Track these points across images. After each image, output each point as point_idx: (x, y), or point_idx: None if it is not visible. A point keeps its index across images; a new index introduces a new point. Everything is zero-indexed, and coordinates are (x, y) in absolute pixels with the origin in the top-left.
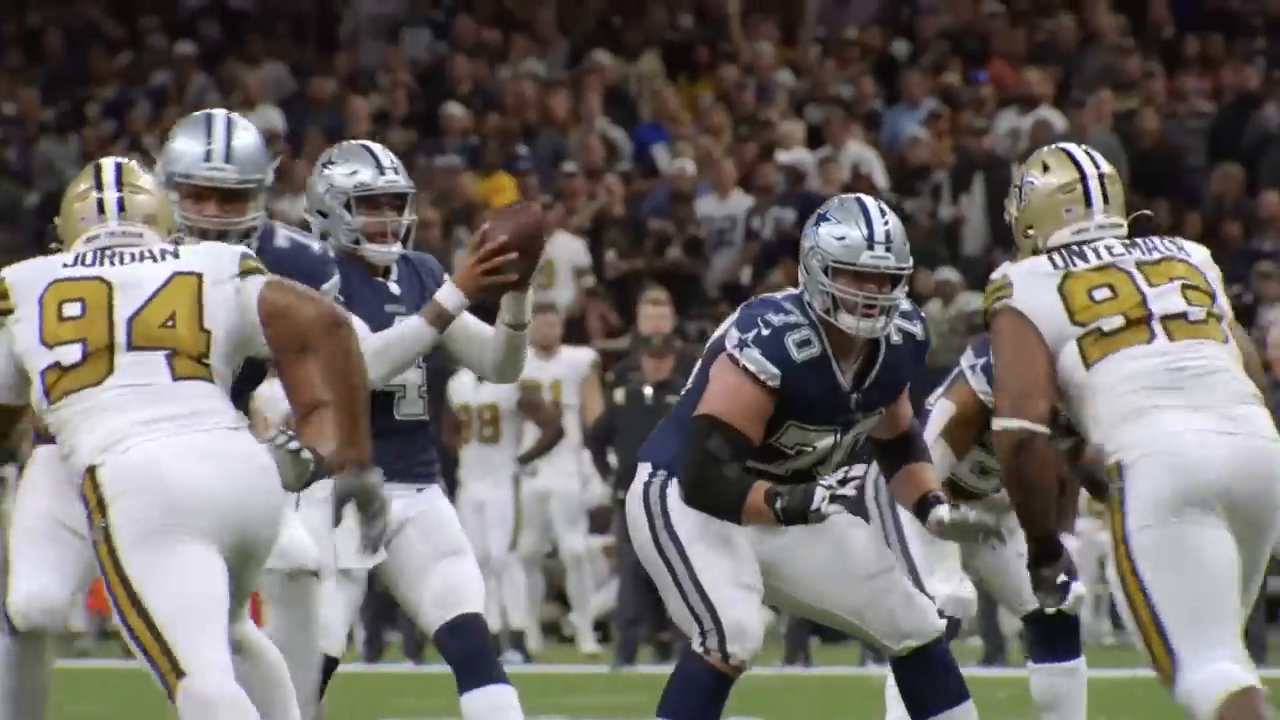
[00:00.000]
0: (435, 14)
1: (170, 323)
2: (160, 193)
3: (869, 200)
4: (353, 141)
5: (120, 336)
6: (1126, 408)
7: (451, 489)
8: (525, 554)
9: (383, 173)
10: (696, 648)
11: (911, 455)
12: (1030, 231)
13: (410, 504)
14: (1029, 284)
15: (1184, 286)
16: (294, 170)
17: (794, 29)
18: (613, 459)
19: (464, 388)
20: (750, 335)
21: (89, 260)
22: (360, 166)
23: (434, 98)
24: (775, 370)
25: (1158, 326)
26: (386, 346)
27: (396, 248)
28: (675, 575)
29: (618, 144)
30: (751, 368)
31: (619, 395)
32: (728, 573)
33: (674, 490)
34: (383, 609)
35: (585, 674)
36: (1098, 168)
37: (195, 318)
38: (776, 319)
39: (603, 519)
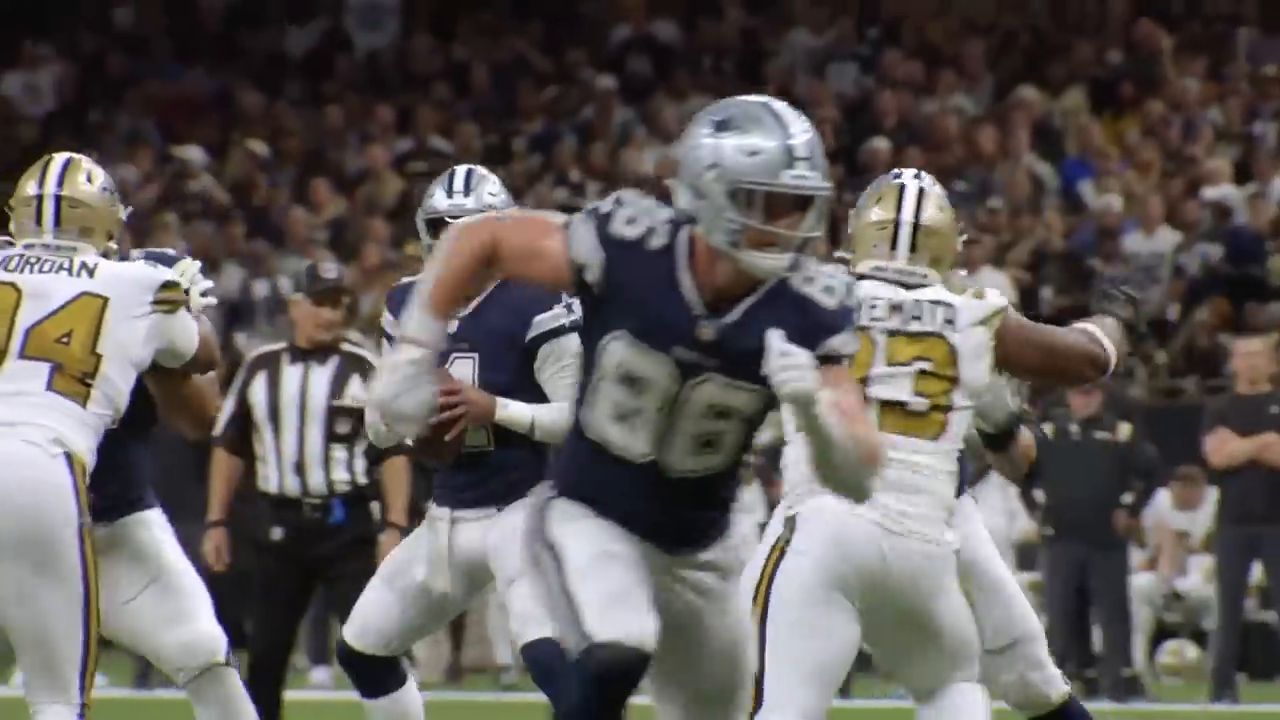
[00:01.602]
0: (862, 49)
1: (65, 340)
2: (102, 200)
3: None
4: None
5: (15, 343)
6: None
7: None
8: None
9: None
10: None
11: None
12: (851, 250)
13: (488, 526)
14: None
15: (921, 372)
16: None
17: (1221, 65)
18: (1039, 494)
19: None
20: None
21: (13, 265)
22: None
23: (860, 132)
24: None
25: (872, 413)
26: None
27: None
28: None
29: (1043, 179)
30: None
31: (1046, 430)
32: None
33: None
34: None
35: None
36: (917, 216)
37: (90, 340)
38: None
39: (1028, 555)
